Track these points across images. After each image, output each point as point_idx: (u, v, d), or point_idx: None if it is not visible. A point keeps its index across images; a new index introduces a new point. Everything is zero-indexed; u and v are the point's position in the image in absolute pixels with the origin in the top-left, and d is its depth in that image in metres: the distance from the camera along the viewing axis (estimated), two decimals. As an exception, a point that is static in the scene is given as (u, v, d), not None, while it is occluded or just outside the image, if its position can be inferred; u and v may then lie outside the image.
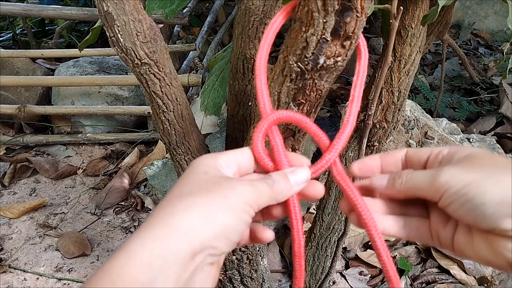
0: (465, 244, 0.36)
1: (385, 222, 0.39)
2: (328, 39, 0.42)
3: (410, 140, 1.28)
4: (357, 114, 0.42)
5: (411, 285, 1.19)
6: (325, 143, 0.40)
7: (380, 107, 0.82)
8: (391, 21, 0.65)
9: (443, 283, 1.18)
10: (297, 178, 0.38)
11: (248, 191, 0.35)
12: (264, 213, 0.39)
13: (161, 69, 0.67)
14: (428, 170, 0.37)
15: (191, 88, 1.76)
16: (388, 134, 0.86)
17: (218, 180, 0.35)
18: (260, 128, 0.39)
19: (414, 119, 1.26)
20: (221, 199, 0.33)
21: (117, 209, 1.48)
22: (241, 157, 0.39)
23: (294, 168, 0.39)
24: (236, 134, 0.88)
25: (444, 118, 1.34)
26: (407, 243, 1.32)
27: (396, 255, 1.25)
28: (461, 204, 0.33)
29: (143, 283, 0.29)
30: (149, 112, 1.65)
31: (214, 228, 0.32)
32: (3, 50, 1.96)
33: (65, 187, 1.59)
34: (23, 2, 2.32)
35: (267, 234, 0.39)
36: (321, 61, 0.44)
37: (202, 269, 0.32)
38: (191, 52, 1.90)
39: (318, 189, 0.39)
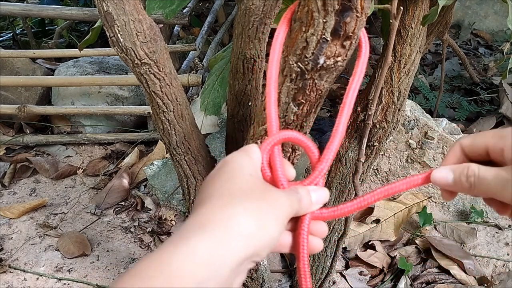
0: None
1: None
2: (328, 39, 0.42)
3: (410, 140, 1.28)
4: (347, 123, 0.43)
5: (411, 285, 1.19)
6: (315, 158, 0.42)
7: (380, 107, 0.82)
8: (391, 21, 0.65)
9: (443, 283, 1.18)
10: (318, 197, 0.40)
11: (287, 204, 0.36)
12: None
13: (161, 69, 0.67)
14: (497, 173, 0.35)
15: (191, 88, 1.76)
16: (388, 134, 0.86)
17: (265, 188, 0.36)
18: (265, 146, 0.40)
19: (414, 119, 1.25)
20: (271, 210, 0.34)
21: (117, 209, 1.48)
22: (259, 155, 0.40)
23: (317, 187, 0.40)
24: (236, 134, 0.88)
25: (444, 118, 1.34)
26: (407, 243, 1.32)
27: (396, 255, 1.25)
28: None
29: (199, 283, 0.29)
30: (149, 112, 1.65)
31: (266, 238, 0.33)
32: (3, 50, 1.96)
33: (65, 187, 1.59)
34: (23, 2, 2.32)
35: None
36: (321, 61, 0.44)
37: (241, 273, 0.33)
38: (191, 52, 1.90)
39: (323, 229, 0.40)
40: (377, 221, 1.30)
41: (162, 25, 1.87)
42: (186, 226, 0.32)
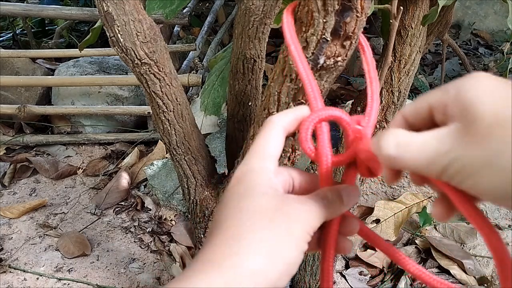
0: None
1: None
2: (328, 39, 0.42)
3: (410, 140, 1.28)
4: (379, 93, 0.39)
5: (411, 285, 1.19)
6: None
7: (380, 107, 0.82)
8: (391, 21, 0.65)
9: (443, 283, 1.18)
10: (349, 197, 0.36)
11: (310, 218, 0.32)
12: None
13: (161, 69, 0.67)
14: (425, 140, 0.28)
15: (191, 88, 1.76)
16: (388, 134, 0.86)
17: (279, 206, 0.32)
18: (310, 121, 0.36)
19: (414, 119, 1.25)
20: (286, 233, 0.31)
21: (117, 209, 1.48)
22: (278, 151, 0.36)
23: (346, 186, 0.36)
24: (236, 134, 0.88)
25: (444, 118, 1.34)
26: (407, 243, 1.32)
27: (396, 255, 1.25)
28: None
29: None
30: (149, 112, 1.65)
31: (280, 267, 0.30)
32: (3, 50, 1.96)
33: (65, 187, 1.59)
34: (23, 2, 2.32)
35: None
36: (321, 61, 0.44)
37: None
38: (191, 52, 1.90)
39: (352, 227, 0.37)
40: (377, 221, 1.30)
41: (162, 25, 1.87)
42: (195, 262, 0.31)
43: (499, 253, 0.28)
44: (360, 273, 1.23)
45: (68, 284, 1.22)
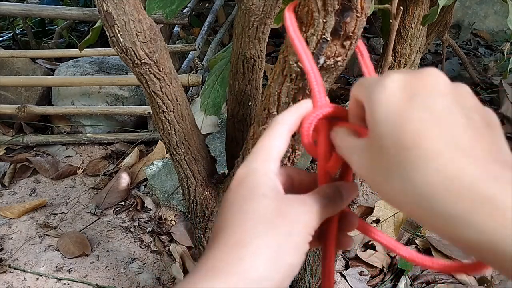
0: None
1: None
2: (328, 39, 0.42)
3: (410, 140, 1.28)
4: None
5: (411, 285, 1.19)
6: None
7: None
8: (391, 21, 0.65)
9: (443, 283, 1.18)
10: (348, 193, 0.36)
11: (310, 219, 0.33)
12: None
13: (161, 69, 0.67)
14: (352, 144, 0.32)
15: (191, 88, 1.76)
16: (388, 134, 0.86)
17: (280, 208, 0.32)
18: (314, 117, 0.36)
19: (414, 119, 1.25)
20: (287, 237, 0.31)
21: (117, 209, 1.48)
22: (282, 152, 0.36)
23: (344, 182, 0.37)
24: (236, 134, 0.88)
25: (444, 118, 1.34)
26: (407, 243, 1.32)
27: (396, 255, 1.25)
28: None
29: None
30: (149, 112, 1.65)
31: (283, 271, 0.31)
32: (3, 50, 1.96)
33: (65, 187, 1.59)
34: (23, 2, 2.32)
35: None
36: (321, 61, 0.44)
37: None
38: (191, 52, 1.90)
39: (352, 222, 0.37)
40: (377, 221, 1.30)
41: (162, 25, 1.87)
42: (199, 268, 0.31)
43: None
44: (360, 273, 1.23)
45: (68, 284, 1.22)
